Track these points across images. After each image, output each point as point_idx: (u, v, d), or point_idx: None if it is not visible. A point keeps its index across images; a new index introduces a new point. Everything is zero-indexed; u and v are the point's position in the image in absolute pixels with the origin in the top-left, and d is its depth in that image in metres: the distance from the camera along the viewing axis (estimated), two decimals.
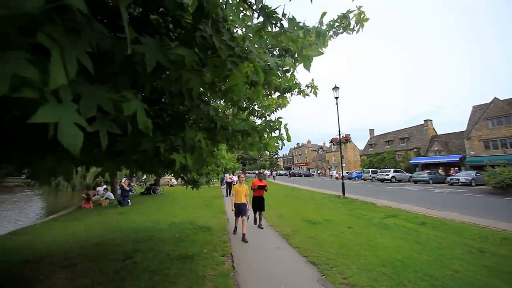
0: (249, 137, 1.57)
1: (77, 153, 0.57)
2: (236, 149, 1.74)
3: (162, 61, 0.84)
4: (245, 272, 3.61)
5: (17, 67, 0.52)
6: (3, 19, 0.48)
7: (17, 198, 18.03)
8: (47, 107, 0.56)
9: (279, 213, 8.34)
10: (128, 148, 1.16)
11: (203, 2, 0.91)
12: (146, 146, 1.17)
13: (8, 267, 3.87)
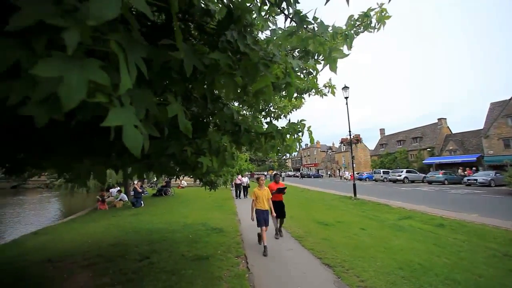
0: (273, 140, 1.58)
1: (138, 155, 0.61)
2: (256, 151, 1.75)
3: (198, 65, 0.87)
4: (260, 273, 3.61)
5: (93, 73, 0.57)
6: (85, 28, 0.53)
7: (37, 200, 18.81)
8: (115, 111, 0.59)
9: (290, 214, 8.26)
10: (157, 151, 1.20)
11: (232, 9, 0.93)
12: (173, 149, 1.20)
13: (32, 266, 4.05)
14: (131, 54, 0.64)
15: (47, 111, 0.60)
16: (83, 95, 0.54)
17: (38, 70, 0.51)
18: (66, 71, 0.53)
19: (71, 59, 0.55)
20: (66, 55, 0.54)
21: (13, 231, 8.76)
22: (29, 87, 0.58)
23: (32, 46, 0.57)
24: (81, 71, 0.55)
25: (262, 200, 4.64)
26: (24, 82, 0.59)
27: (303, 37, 1.18)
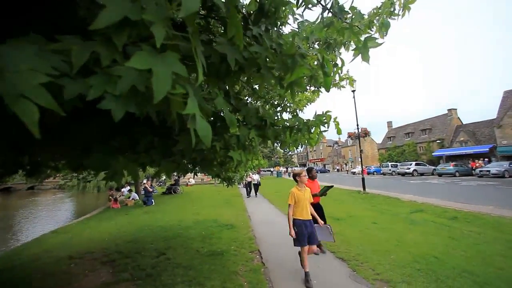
0: (299, 133, 1.59)
1: (209, 144, 0.65)
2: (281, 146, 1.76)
3: (240, 59, 0.89)
4: (275, 268, 3.66)
5: (174, 66, 0.61)
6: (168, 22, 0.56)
7: (52, 200, 19.42)
8: (191, 101, 0.63)
9: None
10: (188, 146, 1.23)
11: (265, 3, 0.94)
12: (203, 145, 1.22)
13: (56, 262, 4.21)
14: (198, 48, 0.67)
15: (123, 105, 0.63)
16: (169, 87, 0.57)
17: (133, 63, 0.54)
18: (153, 64, 0.57)
19: (155, 53, 0.58)
20: (151, 49, 0.57)
21: (33, 230, 9.13)
22: (107, 82, 0.61)
23: (113, 42, 0.60)
24: (165, 64, 0.58)
25: (303, 205, 3.16)
26: (102, 78, 0.62)
27: (338, 28, 1.18)
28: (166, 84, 0.56)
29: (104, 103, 0.62)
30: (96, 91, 0.60)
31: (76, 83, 0.60)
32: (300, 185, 3.27)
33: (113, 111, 0.62)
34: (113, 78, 0.62)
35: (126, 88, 0.60)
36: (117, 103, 0.63)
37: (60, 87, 0.57)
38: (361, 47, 1.01)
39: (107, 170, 1.10)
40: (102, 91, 0.61)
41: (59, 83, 0.56)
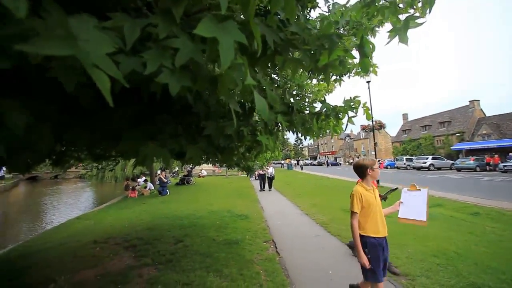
0: (328, 119, 1.57)
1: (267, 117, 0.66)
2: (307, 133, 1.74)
3: (277, 40, 0.87)
4: (289, 257, 3.72)
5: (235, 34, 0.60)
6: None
7: (74, 188, 20.54)
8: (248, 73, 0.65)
9: (312, 202, 8.32)
10: (216, 132, 1.26)
11: None
12: (230, 130, 1.24)
13: (82, 246, 4.49)
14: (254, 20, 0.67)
15: (178, 80, 0.64)
16: (233, 56, 0.57)
17: (200, 30, 0.53)
18: (217, 32, 0.56)
19: (217, 22, 0.57)
20: (213, 18, 0.56)
21: (59, 216, 9.80)
22: (162, 56, 0.61)
23: (171, 14, 0.60)
24: (227, 32, 0.57)
25: (376, 214, 2.09)
26: (157, 52, 0.62)
27: (379, 7, 1.12)
28: (230, 52, 0.55)
29: (161, 77, 0.62)
30: (152, 65, 0.61)
31: (130, 59, 0.61)
32: (367, 183, 2.16)
33: (169, 86, 0.63)
34: (167, 52, 0.62)
35: (183, 61, 0.59)
36: (173, 77, 0.63)
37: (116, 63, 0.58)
38: (400, 27, 0.95)
39: (137, 155, 1.14)
40: (158, 64, 0.61)
41: (115, 59, 0.57)
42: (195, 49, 0.60)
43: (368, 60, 1.00)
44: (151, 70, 0.61)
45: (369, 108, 1.55)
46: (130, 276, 3.17)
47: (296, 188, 12.32)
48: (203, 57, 0.63)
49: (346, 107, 1.56)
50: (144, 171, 18.06)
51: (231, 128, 1.22)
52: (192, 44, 0.60)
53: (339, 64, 1.04)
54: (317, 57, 0.98)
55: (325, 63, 0.98)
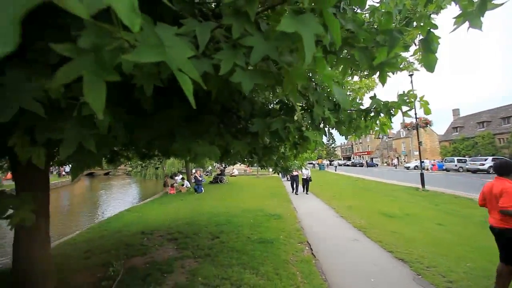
0: (378, 117, 1.49)
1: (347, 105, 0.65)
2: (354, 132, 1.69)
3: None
4: (326, 261, 3.61)
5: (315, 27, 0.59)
6: None
7: (122, 184, 23.01)
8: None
9: (348, 204, 7.92)
10: (263, 128, 1.30)
11: None
12: (277, 125, 1.27)
13: (132, 235, 5.01)
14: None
15: (251, 78, 0.67)
16: (314, 49, 0.56)
17: (283, 26, 0.54)
18: (298, 27, 0.55)
19: (295, 16, 0.57)
20: (292, 13, 0.57)
21: (112, 207, 11.19)
22: (235, 56, 0.65)
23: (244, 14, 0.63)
24: (307, 26, 0.57)
25: None
26: (230, 52, 0.66)
27: None
28: (312, 46, 0.55)
29: (235, 76, 0.66)
30: (227, 65, 0.64)
31: (203, 62, 0.66)
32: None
33: (243, 84, 0.66)
34: (240, 51, 0.65)
35: (258, 58, 0.61)
36: (246, 75, 0.66)
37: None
38: (473, 11, 0.85)
39: (190, 153, 1.24)
40: (231, 64, 0.64)
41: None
42: (270, 46, 0.61)
43: (434, 56, 0.91)
44: (226, 70, 0.64)
45: (428, 102, 1.41)
46: (173, 266, 3.44)
47: (330, 190, 11.86)
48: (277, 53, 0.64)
49: (400, 102, 1.45)
50: (181, 169, 19.28)
51: (277, 123, 1.24)
52: (266, 42, 0.61)
53: (396, 61, 0.97)
54: (374, 55, 0.94)
55: (382, 61, 0.93)
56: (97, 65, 0.38)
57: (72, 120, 0.79)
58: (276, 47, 0.62)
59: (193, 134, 1.37)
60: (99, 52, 0.38)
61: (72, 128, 0.80)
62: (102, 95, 0.37)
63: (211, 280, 3.01)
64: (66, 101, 0.81)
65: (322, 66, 0.66)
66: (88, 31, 0.39)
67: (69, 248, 4.54)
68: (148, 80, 0.69)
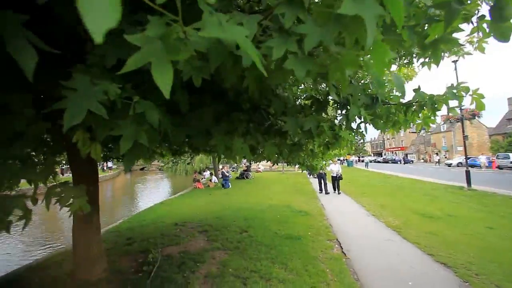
0: (422, 110, 1.39)
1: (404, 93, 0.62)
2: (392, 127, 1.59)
3: None
4: (357, 260, 3.49)
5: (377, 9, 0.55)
6: None
7: (155, 178, 24.77)
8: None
9: (379, 202, 7.50)
10: (294, 127, 1.30)
11: None
12: (310, 125, 1.26)
13: (166, 226, 5.38)
14: None
15: (303, 65, 0.67)
16: (376, 32, 0.54)
17: (344, 9, 0.52)
18: (360, 9, 0.52)
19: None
20: None
21: (148, 199, 12.17)
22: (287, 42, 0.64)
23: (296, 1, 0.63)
24: (368, 7, 0.53)
25: None
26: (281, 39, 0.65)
27: None
28: (374, 29, 0.51)
29: (287, 62, 0.65)
30: (278, 51, 0.64)
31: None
32: None
33: (295, 71, 0.66)
34: (292, 38, 0.64)
35: (312, 45, 0.60)
36: (298, 62, 0.65)
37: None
38: None
39: (226, 149, 1.29)
40: (284, 51, 0.64)
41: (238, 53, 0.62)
42: (324, 32, 0.59)
43: (509, 24, 0.77)
44: (278, 56, 0.63)
45: (483, 95, 1.24)
46: (205, 256, 3.62)
47: (360, 187, 11.33)
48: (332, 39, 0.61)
49: (448, 96, 1.31)
50: (209, 165, 20.02)
51: (310, 123, 1.22)
52: (319, 28, 0.59)
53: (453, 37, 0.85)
54: (425, 32, 0.84)
55: (436, 38, 0.83)
56: (164, 52, 0.42)
57: (129, 118, 0.88)
58: (331, 33, 0.59)
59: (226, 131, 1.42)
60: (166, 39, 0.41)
61: (129, 125, 0.88)
62: (170, 78, 0.41)
63: (241, 272, 3.11)
64: (121, 101, 0.90)
65: (383, 51, 0.60)
66: (153, 22, 0.44)
67: (113, 235, 5.04)
68: (198, 72, 0.73)
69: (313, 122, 1.25)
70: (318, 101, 1.47)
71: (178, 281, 2.88)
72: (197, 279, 2.94)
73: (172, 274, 3.05)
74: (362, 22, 0.51)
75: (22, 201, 0.93)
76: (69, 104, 0.80)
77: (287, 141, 1.74)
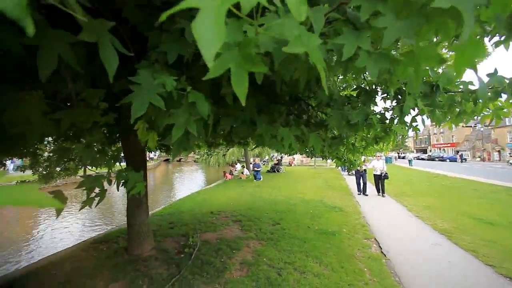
0: (498, 98, 1.20)
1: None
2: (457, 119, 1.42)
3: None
4: (399, 262, 3.27)
5: None
6: None
7: (191, 170, 26.46)
8: None
9: (424, 203, 6.84)
10: (338, 121, 1.26)
11: None
12: (357, 118, 1.21)
13: (202, 214, 5.73)
14: None
15: (376, 62, 0.64)
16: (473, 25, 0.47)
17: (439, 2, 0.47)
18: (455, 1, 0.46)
19: None
20: None
21: (185, 188, 13.14)
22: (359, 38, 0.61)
23: None
24: None
25: None
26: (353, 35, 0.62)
27: None
28: (472, 21, 0.46)
29: (359, 61, 0.63)
30: (349, 49, 0.61)
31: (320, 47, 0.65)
32: None
33: (368, 69, 0.63)
34: (364, 34, 0.61)
35: (391, 40, 0.55)
36: (370, 59, 0.62)
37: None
38: None
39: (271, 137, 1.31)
40: (355, 48, 0.61)
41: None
42: (404, 26, 0.55)
43: None
44: (349, 54, 0.61)
45: None
46: (240, 244, 3.77)
47: (400, 185, 10.47)
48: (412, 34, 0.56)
49: None
50: (240, 158, 20.54)
51: (358, 115, 1.16)
52: (399, 22, 0.54)
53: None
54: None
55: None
56: (241, 58, 0.44)
57: (181, 108, 0.96)
58: (412, 27, 0.54)
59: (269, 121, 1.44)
60: (243, 47, 0.43)
61: (182, 114, 0.96)
62: (245, 84, 0.43)
63: (275, 263, 3.17)
64: (177, 92, 0.97)
65: (475, 48, 0.53)
66: (231, 25, 0.46)
67: (157, 219, 5.57)
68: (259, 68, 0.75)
69: (361, 115, 1.18)
70: (365, 91, 1.38)
71: (216, 265, 3.07)
72: (233, 265, 3.10)
73: (211, 258, 3.26)
74: (455, 14, 0.46)
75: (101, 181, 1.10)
76: (134, 98, 0.90)
77: (327, 134, 1.69)
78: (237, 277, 2.83)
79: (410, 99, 1.10)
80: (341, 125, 1.25)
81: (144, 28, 1.08)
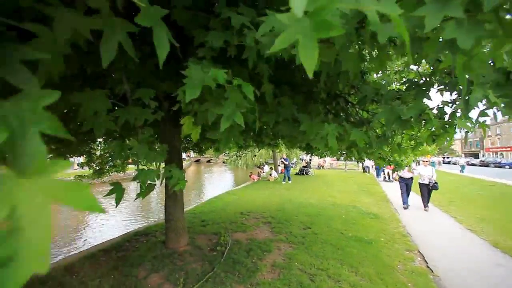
0: None
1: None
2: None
3: None
4: (450, 280, 2.92)
5: None
6: None
7: (220, 170, 27.33)
8: None
9: (478, 215, 6.00)
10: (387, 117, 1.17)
11: None
12: (411, 113, 1.11)
13: (233, 214, 5.84)
14: None
15: (469, 32, 0.56)
16: None
17: None
18: None
19: None
20: None
21: (215, 188, 13.62)
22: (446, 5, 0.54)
23: None
24: None
25: None
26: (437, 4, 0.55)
27: None
28: None
29: (446, 32, 0.56)
30: (433, 20, 0.54)
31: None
32: None
33: (459, 41, 0.55)
34: (454, 1, 0.53)
35: (492, 4, 0.49)
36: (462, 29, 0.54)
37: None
38: None
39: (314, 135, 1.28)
40: (441, 18, 0.54)
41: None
42: None
43: None
44: (433, 26, 0.54)
45: None
46: (271, 246, 3.75)
47: (446, 193, 9.36)
48: None
49: None
50: (267, 160, 20.56)
51: (412, 111, 1.06)
52: None
53: None
54: None
55: None
56: (311, 27, 0.42)
57: (228, 99, 0.98)
58: None
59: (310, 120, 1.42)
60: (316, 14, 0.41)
61: (229, 105, 0.99)
62: (315, 56, 0.41)
63: (307, 268, 3.07)
64: (227, 84, 1.00)
65: None
66: None
67: (190, 216, 5.83)
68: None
69: (415, 110, 1.06)
70: (417, 84, 1.25)
71: (248, 265, 3.09)
72: (265, 267, 3.08)
73: (242, 257, 3.30)
74: None
75: (154, 174, 1.20)
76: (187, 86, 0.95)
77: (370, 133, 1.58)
78: (268, 279, 2.81)
79: (477, 89, 0.94)
80: (390, 121, 1.15)
81: (191, 27, 1.14)
